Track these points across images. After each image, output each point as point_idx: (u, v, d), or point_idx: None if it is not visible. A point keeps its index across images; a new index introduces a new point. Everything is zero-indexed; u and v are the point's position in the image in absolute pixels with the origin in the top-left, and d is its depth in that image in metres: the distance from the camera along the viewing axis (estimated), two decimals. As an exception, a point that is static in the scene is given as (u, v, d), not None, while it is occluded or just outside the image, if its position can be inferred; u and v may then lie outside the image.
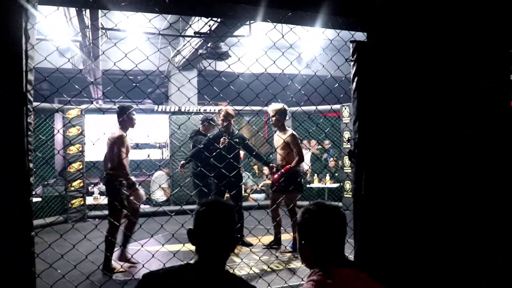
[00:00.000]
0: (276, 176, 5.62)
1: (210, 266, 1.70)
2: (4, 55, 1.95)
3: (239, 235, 1.49)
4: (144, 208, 9.25)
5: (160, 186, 9.19)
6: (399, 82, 2.50)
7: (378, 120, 2.51)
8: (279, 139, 5.78)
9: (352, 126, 2.61)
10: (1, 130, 1.92)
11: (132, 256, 4.62)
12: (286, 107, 5.78)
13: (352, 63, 2.56)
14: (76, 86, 2.98)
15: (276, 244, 6.05)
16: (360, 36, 2.72)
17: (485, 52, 2.64)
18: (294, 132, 5.79)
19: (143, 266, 2.47)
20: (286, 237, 5.87)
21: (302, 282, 3.75)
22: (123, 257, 4.78)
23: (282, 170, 5.56)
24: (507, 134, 2.70)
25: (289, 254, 5.76)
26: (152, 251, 2.79)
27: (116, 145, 4.88)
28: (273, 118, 5.79)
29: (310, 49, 10.00)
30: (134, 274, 1.69)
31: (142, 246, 2.98)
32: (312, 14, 2.64)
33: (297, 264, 5.11)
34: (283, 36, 3.02)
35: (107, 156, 5.07)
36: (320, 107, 3.84)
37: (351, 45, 2.57)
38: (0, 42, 1.93)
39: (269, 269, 4.90)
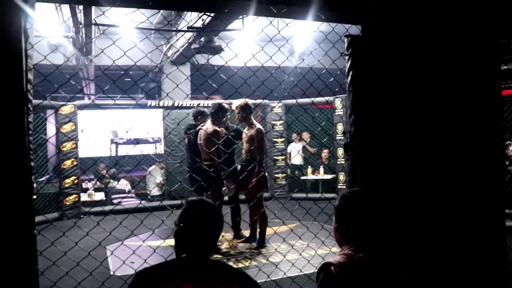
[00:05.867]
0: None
1: (199, 258, 1.80)
2: (4, 56, 1.96)
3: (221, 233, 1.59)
4: (141, 203, 9.29)
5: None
6: (394, 76, 2.53)
7: (373, 114, 2.54)
8: (245, 134, 5.89)
9: (345, 118, 2.65)
10: (3, 130, 1.94)
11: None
12: (249, 101, 5.80)
13: (347, 57, 2.59)
14: (73, 82, 2.99)
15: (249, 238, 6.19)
16: (356, 29, 2.75)
17: (481, 47, 2.67)
18: (260, 127, 5.84)
19: (145, 261, 2.50)
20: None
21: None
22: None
23: (254, 178, 5.61)
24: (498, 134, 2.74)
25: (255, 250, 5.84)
26: (154, 246, 2.82)
27: (212, 139, 5.37)
28: (238, 115, 5.83)
29: (303, 42, 10.07)
30: (137, 270, 1.75)
31: (143, 241, 3.02)
32: (305, 8, 2.66)
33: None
34: (279, 31, 3.04)
35: (202, 149, 5.66)
36: (313, 100, 3.89)
37: (345, 39, 2.60)
38: (0, 43, 1.95)
39: (267, 262, 4.95)
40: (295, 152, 10.10)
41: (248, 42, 7.83)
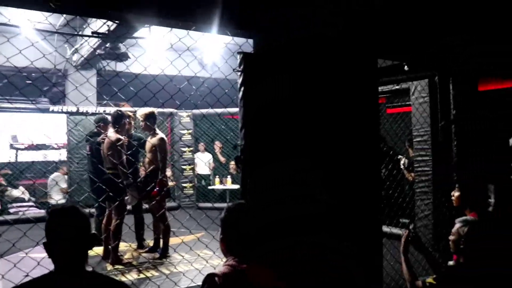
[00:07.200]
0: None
1: (71, 269, 1.72)
2: None
3: (94, 233, 1.51)
4: (39, 212, 8.80)
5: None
6: (281, 92, 2.64)
7: (262, 128, 2.64)
8: (149, 143, 5.77)
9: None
10: None
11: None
12: (155, 111, 5.76)
13: (239, 73, 2.67)
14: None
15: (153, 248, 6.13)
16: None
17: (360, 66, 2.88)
18: (163, 136, 5.79)
19: (27, 274, 2.41)
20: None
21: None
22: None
23: (157, 187, 5.53)
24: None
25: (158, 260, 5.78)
26: (38, 258, 2.66)
27: (115, 147, 5.24)
28: (142, 123, 5.73)
29: (212, 53, 10.19)
30: (19, 283, 1.67)
31: (26, 254, 2.88)
32: (202, 24, 2.72)
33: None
34: (195, 43, 3.07)
35: (105, 157, 5.41)
36: (220, 110, 3.98)
37: (238, 56, 2.69)
38: None
39: (169, 272, 4.92)
40: (202, 162, 10.14)
41: (157, 51, 7.77)
